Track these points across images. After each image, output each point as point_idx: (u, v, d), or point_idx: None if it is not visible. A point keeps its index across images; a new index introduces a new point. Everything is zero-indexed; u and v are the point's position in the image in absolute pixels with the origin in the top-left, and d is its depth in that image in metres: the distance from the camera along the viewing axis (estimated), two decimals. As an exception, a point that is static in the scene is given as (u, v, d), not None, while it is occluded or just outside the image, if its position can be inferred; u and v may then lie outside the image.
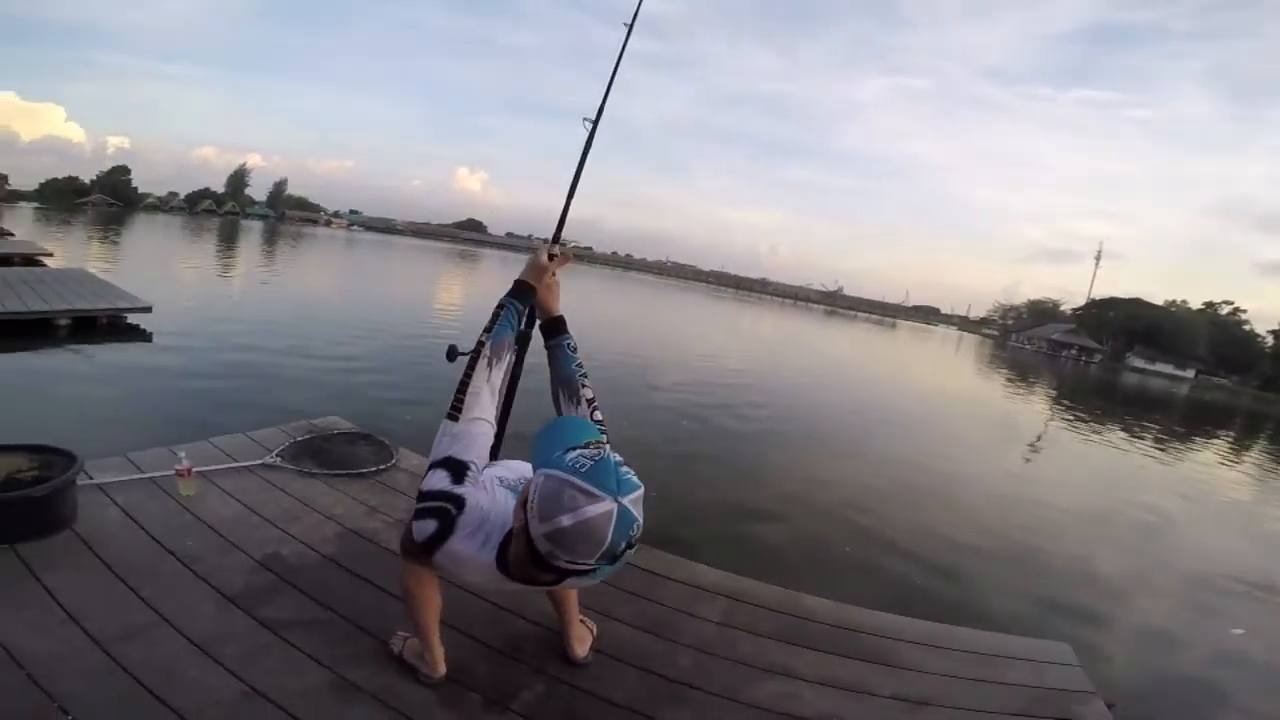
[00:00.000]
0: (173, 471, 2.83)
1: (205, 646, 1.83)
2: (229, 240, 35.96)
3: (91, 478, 2.68)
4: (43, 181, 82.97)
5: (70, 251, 18.39)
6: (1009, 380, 26.40)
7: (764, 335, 28.82)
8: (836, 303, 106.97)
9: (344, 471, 3.24)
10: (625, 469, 1.06)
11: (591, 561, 1.02)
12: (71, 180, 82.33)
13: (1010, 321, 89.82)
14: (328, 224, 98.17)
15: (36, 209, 63.67)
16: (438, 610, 1.71)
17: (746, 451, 7.30)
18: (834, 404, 12.12)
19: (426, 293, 22.39)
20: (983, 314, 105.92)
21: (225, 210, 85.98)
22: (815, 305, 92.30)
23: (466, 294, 23.34)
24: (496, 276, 33.57)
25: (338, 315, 13.26)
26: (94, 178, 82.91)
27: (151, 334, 8.37)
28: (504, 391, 1.64)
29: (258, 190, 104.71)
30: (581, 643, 1.98)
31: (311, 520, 2.73)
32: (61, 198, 74.49)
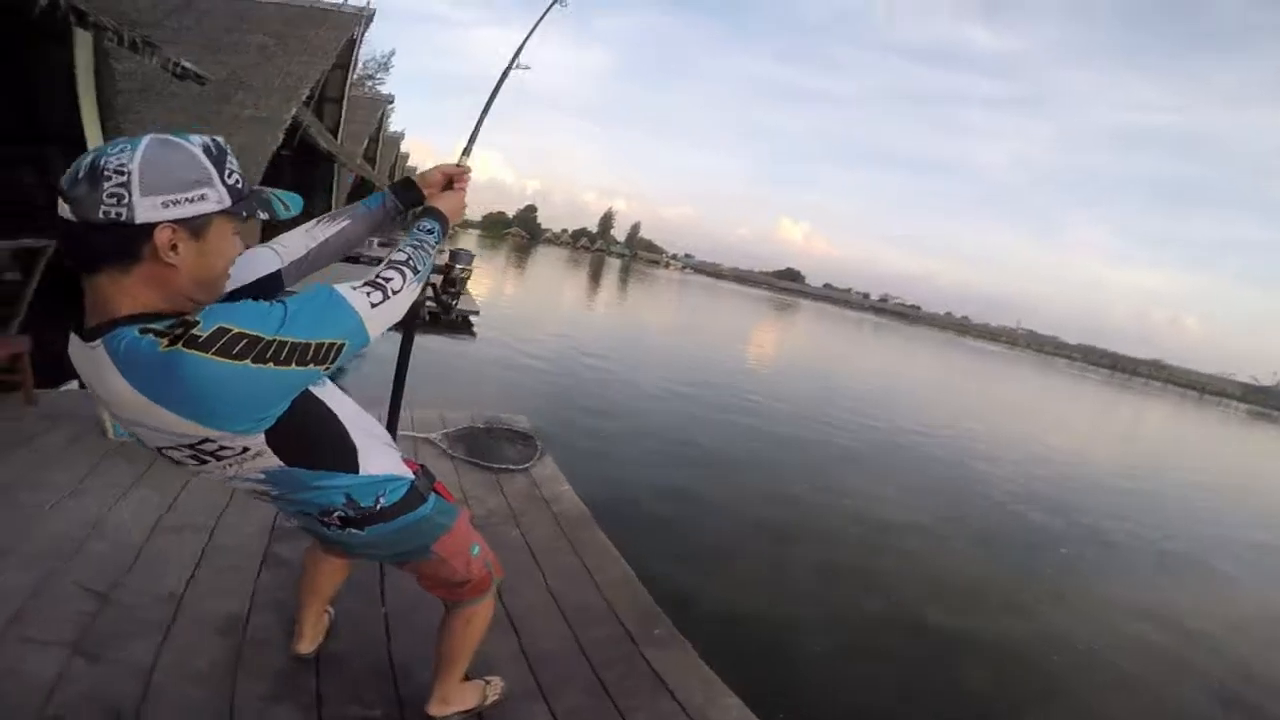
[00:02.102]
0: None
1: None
2: (584, 270, 44.24)
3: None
4: (485, 214, 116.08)
5: (477, 266, 25.08)
6: None
7: (1151, 435, 22.23)
8: (1269, 402, 77.09)
9: (477, 461, 3.51)
10: None
11: None
12: (501, 214, 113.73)
13: None
14: (666, 266, 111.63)
15: (479, 235, 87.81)
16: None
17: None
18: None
19: (729, 340, 21.18)
20: None
21: (595, 247, 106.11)
22: (1235, 404, 67.71)
23: (764, 349, 21.22)
24: (805, 332, 33.67)
25: (627, 341, 14.93)
26: (515, 213, 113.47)
27: (476, 332, 10.63)
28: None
29: (621, 231, 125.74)
30: (444, 703, 1.61)
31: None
32: (495, 227, 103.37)
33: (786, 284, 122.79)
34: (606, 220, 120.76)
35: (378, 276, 1.04)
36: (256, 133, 8.49)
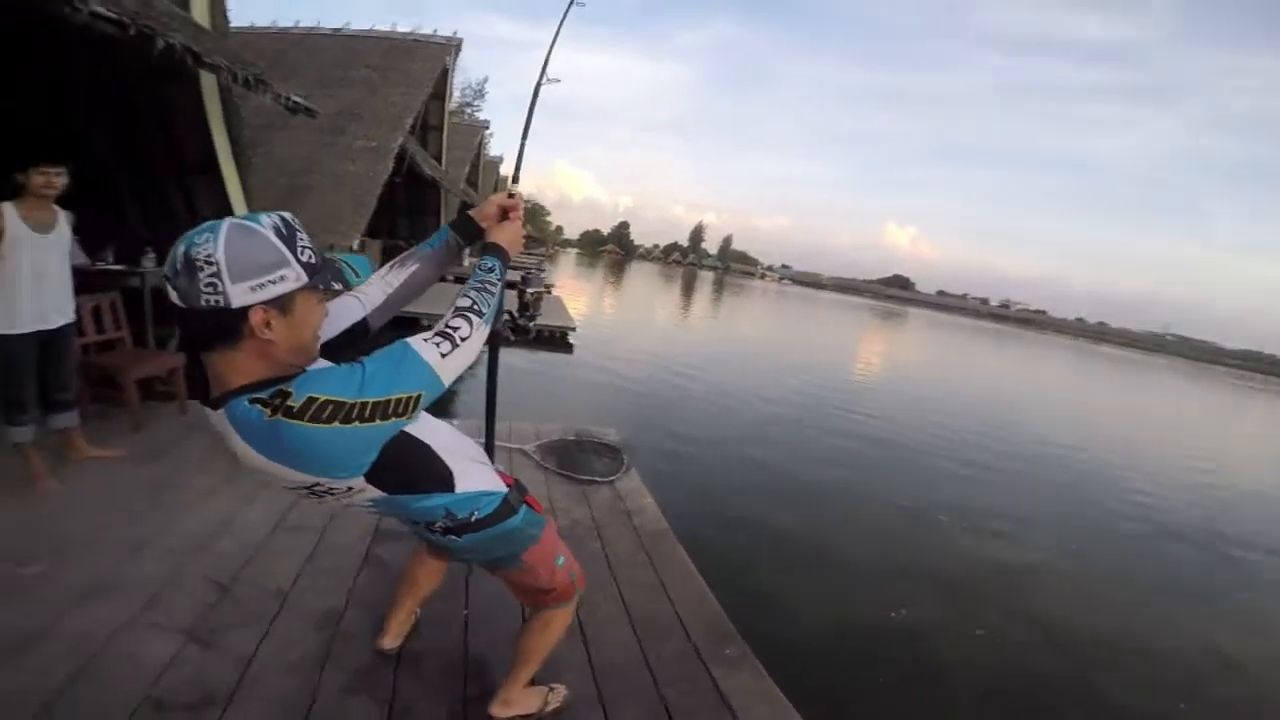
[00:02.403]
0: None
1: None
2: (676, 284, 44.43)
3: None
4: (581, 233, 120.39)
5: (573, 284, 25.62)
6: None
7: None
8: None
9: (566, 473, 3.57)
10: None
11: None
12: (596, 232, 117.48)
13: None
14: (761, 277, 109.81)
15: (578, 254, 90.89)
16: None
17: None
18: None
19: (831, 352, 19.81)
20: None
21: (687, 261, 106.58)
22: None
23: (871, 362, 19.37)
24: (916, 342, 31.46)
25: (720, 355, 14.69)
26: (609, 230, 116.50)
27: (573, 346, 10.90)
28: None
29: (712, 244, 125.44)
30: (506, 705, 1.66)
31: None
32: (591, 246, 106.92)
33: (894, 291, 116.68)
34: (697, 234, 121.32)
35: (446, 325, 1.11)
36: (369, 161, 9.27)
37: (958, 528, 5.32)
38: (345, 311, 1.30)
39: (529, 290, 1.68)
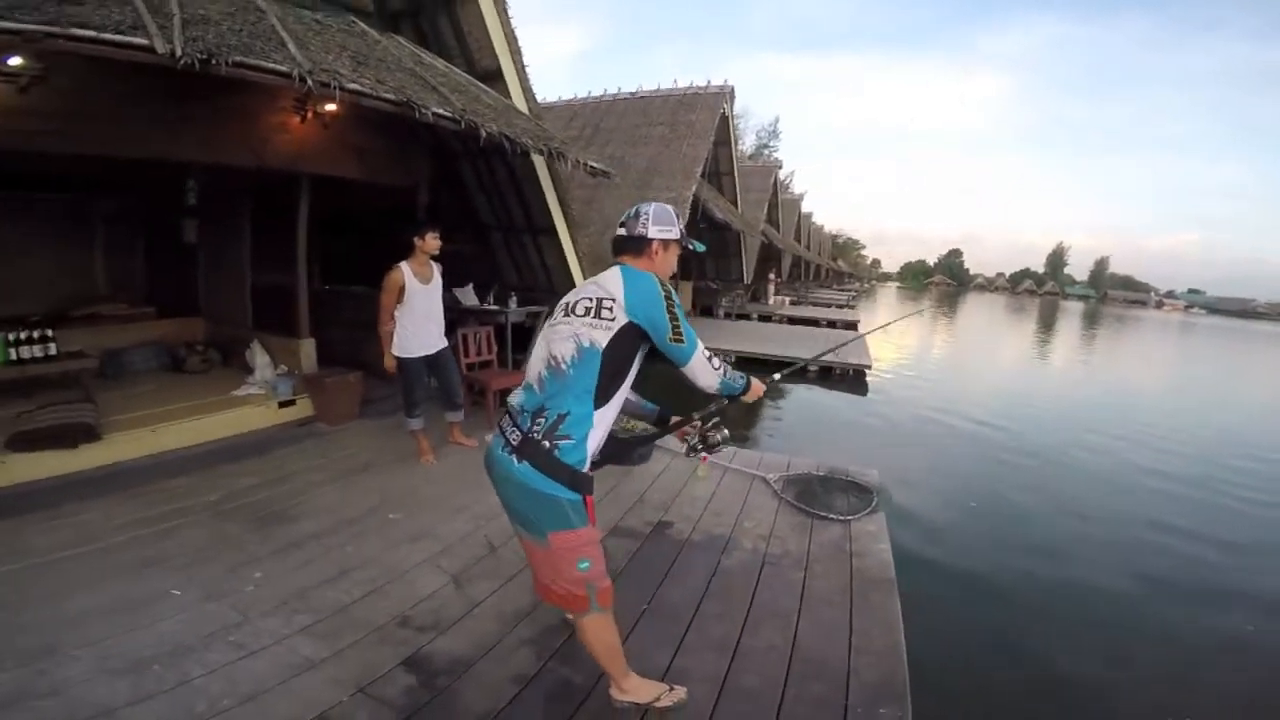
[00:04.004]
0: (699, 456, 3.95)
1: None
2: (1027, 317, 37.12)
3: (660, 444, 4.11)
4: (903, 265, 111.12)
5: (885, 319, 23.77)
6: None
7: None
8: None
9: (799, 505, 3.51)
10: None
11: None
12: (921, 263, 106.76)
13: None
14: (1158, 306, 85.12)
15: (898, 287, 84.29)
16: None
17: None
18: None
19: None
20: None
21: (1044, 290, 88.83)
22: None
23: None
24: None
25: (1079, 402, 11.86)
26: (936, 260, 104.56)
27: (868, 385, 10.22)
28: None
29: (1078, 269, 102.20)
30: (620, 690, 1.84)
31: (748, 524, 3.23)
32: (914, 278, 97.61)
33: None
34: (1057, 257, 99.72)
35: (715, 358, 1.75)
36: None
37: None
38: None
39: (717, 436, 1.99)
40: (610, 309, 1.60)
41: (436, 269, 3.82)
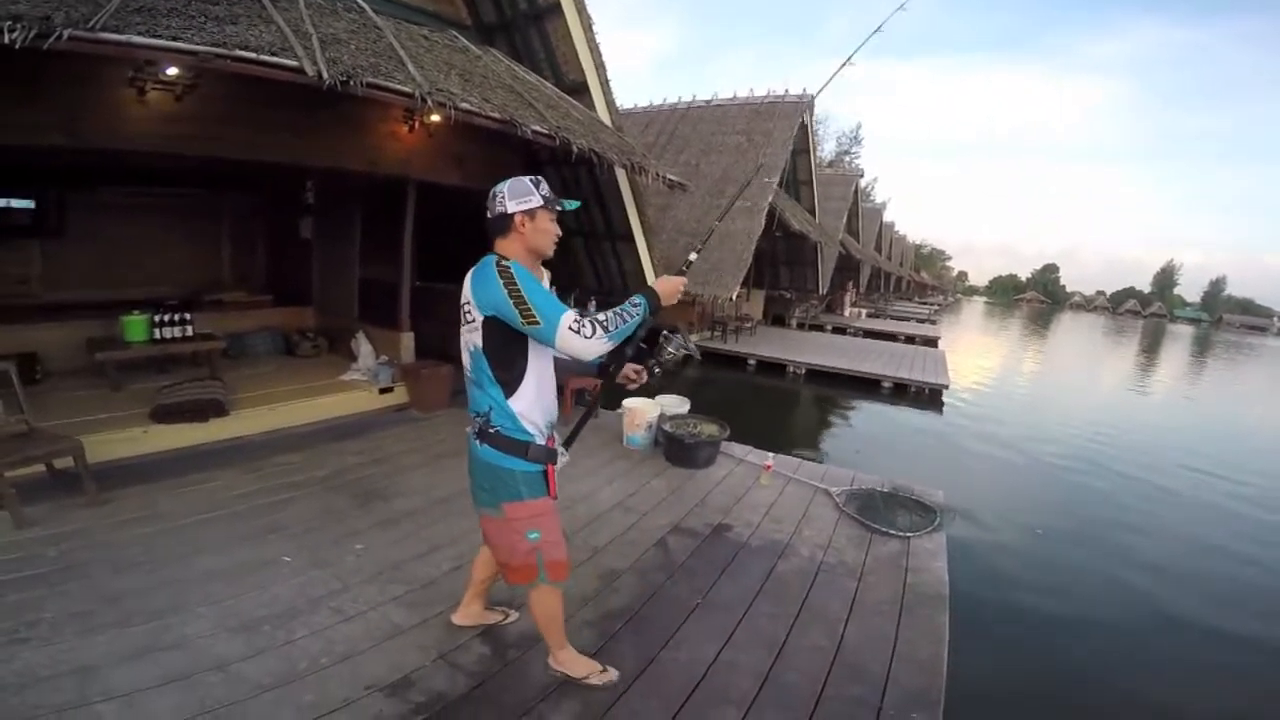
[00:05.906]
0: (762, 465, 4.06)
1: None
2: (1128, 341, 34.26)
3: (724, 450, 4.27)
4: (991, 279, 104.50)
5: (968, 336, 22.61)
6: None
7: None
8: None
9: (860, 519, 3.55)
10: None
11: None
12: (1012, 278, 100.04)
13: None
14: (1282, 333, 76.32)
15: (986, 302, 79.63)
16: None
17: None
18: None
19: None
20: None
21: (1150, 312, 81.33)
22: None
23: None
24: None
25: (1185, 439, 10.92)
26: (1029, 275, 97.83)
27: (944, 405, 9.85)
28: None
29: (1190, 289, 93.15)
30: (556, 661, 2.01)
31: (807, 533, 3.32)
32: (1004, 293, 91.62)
33: None
34: (1165, 275, 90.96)
35: (589, 320, 1.60)
36: (746, 220, 10.42)
37: None
38: None
39: (668, 349, 1.94)
40: (469, 311, 1.68)
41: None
